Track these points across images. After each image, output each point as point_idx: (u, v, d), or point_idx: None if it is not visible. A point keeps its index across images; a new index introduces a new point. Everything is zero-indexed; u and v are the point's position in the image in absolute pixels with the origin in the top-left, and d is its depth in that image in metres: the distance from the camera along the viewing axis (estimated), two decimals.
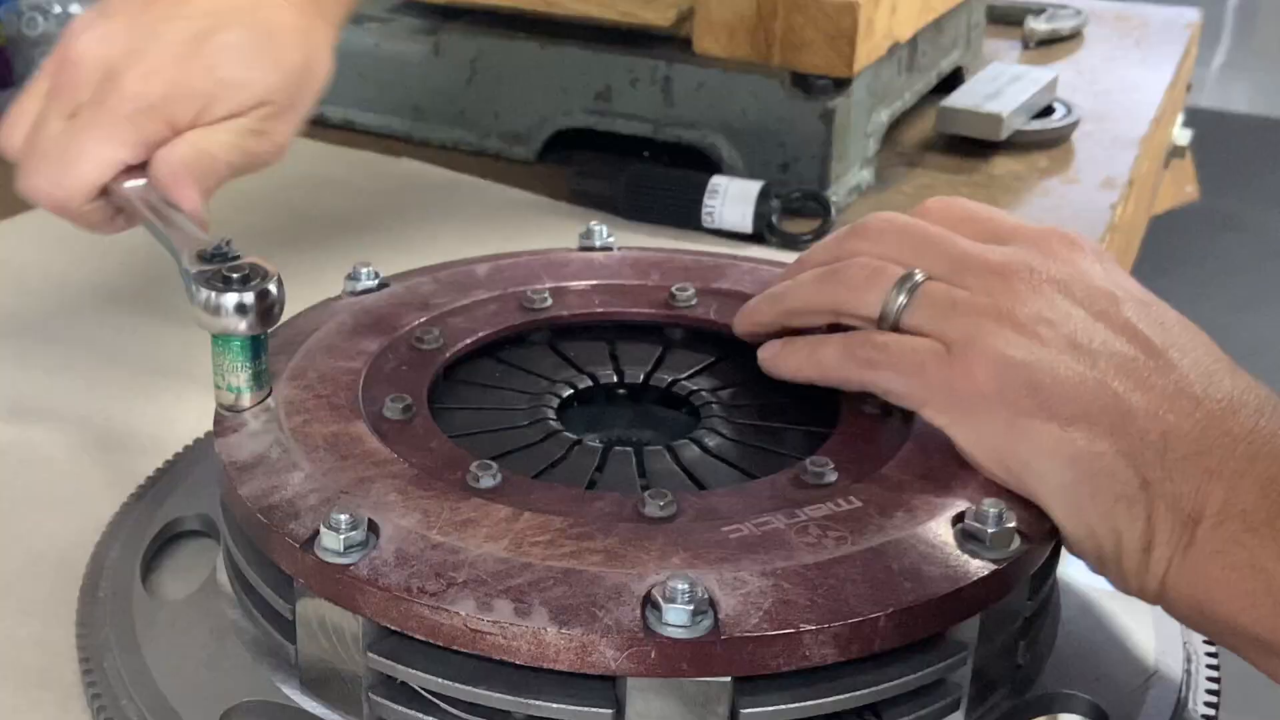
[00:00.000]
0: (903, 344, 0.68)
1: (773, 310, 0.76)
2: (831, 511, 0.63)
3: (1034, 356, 0.64)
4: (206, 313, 0.69)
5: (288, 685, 0.66)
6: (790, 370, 0.74)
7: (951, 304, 0.67)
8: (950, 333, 0.66)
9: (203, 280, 0.70)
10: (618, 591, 0.58)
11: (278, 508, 0.64)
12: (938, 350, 0.67)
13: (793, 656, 0.57)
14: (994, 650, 0.64)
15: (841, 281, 0.72)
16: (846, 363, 0.70)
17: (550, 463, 0.72)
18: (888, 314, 0.69)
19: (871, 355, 0.69)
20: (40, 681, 0.70)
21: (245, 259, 0.72)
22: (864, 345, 0.70)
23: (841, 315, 0.72)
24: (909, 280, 0.69)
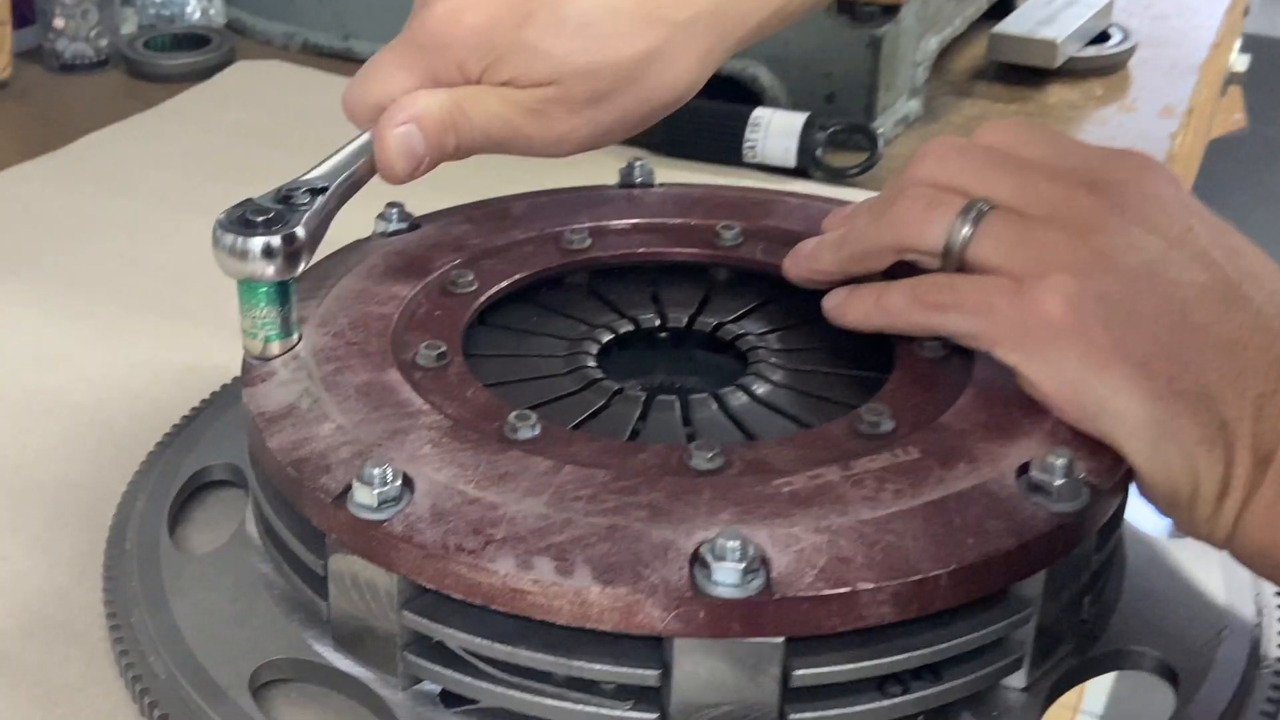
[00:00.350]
0: (971, 283, 0.65)
1: (834, 257, 0.73)
2: (889, 463, 0.61)
3: (1109, 288, 0.61)
4: (231, 257, 0.67)
5: (320, 643, 0.64)
6: (857, 319, 0.71)
7: (1020, 234, 0.64)
8: (1020, 265, 0.64)
9: (226, 224, 0.68)
10: (664, 549, 0.56)
11: (308, 461, 0.62)
12: (1008, 286, 0.64)
13: (849, 617, 0.55)
14: (1059, 606, 0.62)
15: (900, 215, 0.68)
16: (913, 307, 0.67)
17: (590, 412, 0.70)
18: (952, 246, 0.66)
19: (939, 298, 0.66)
20: (67, 637, 0.69)
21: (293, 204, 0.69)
22: (931, 288, 0.67)
23: (904, 251, 0.69)
24: (973, 209, 0.66)
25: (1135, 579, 0.69)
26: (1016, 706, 0.61)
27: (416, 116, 0.73)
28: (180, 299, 1.01)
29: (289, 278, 0.68)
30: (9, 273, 1.05)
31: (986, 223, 0.66)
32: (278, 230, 0.67)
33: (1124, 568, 0.70)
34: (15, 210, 1.15)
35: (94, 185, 1.19)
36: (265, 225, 0.67)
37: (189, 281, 1.02)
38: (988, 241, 0.65)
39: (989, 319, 0.64)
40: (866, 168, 1.19)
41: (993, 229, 0.65)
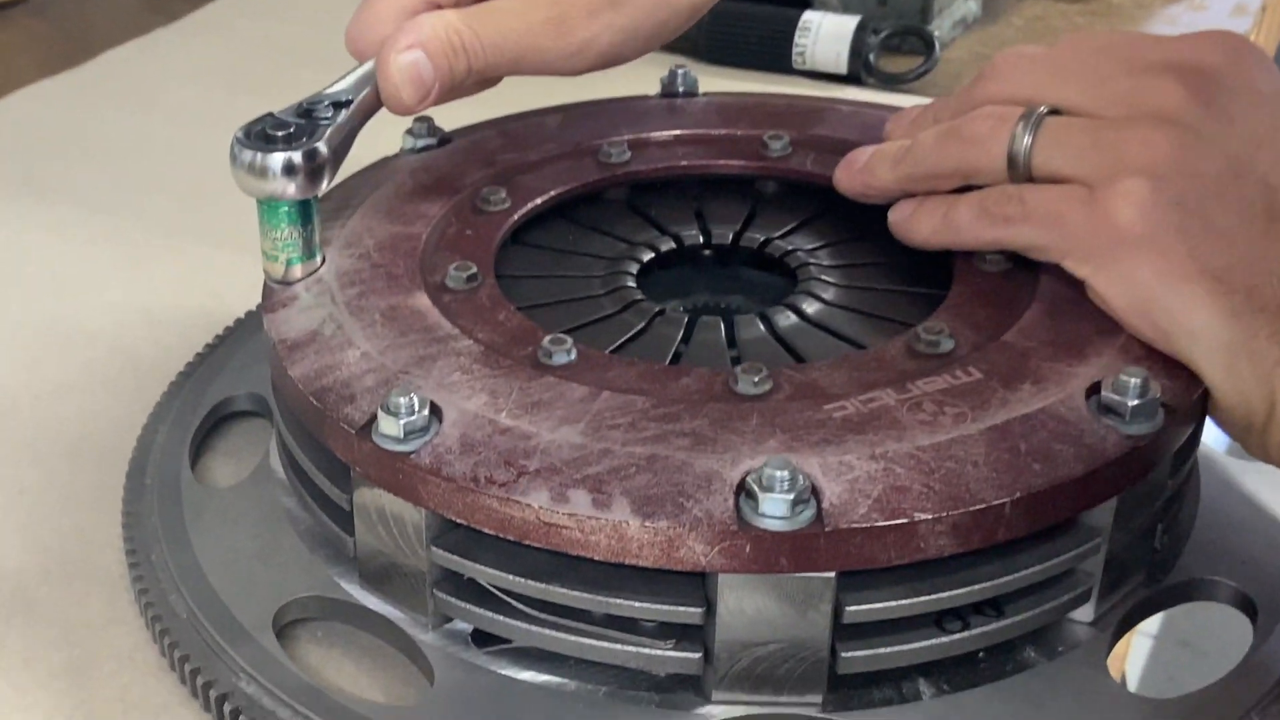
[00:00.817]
0: (1040, 193, 0.62)
1: (892, 174, 0.69)
2: (949, 384, 0.58)
3: (1187, 192, 0.58)
4: (250, 175, 0.65)
5: (346, 580, 0.63)
6: (924, 237, 0.68)
7: (1089, 138, 0.61)
8: (1090, 171, 0.60)
9: (245, 139, 0.65)
10: (708, 479, 0.54)
11: (332, 390, 0.60)
12: (1078, 194, 0.61)
13: (905, 549, 0.53)
14: (1129, 535, 0.59)
15: (965, 137, 0.65)
16: (981, 222, 0.64)
17: (630, 335, 0.67)
18: (1016, 158, 0.63)
19: (1007, 210, 0.63)
20: (86, 574, 0.68)
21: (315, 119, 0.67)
22: (1000, 200, 0.64)
23: (970, 177, 0.66)
24: (1032, 115, 0.63)
25: (1210, 506, 0.66)
26: (1083, 641, 0.59)
27: (421, 41, 0.69)
28: (204, 222, 0.99)
29: (311, 196, 0.66)
30: (27, 195, 1.03)
31: (1049, 128, 0.63)
32: (299, 146, 0.65)
33: (1198, 493, 0.67)
34: (34, 130, 1.14)
35: (115, 103, 1.17)
36: (286, 141, 0.65)
37: (214, 203, 1.00)
38: (1053, 148, 0.62)
39: (1058, 230, 0.62)
40: (922, 73, 1.16)
41: (1057, 134, 0.62)
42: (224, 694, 0.58)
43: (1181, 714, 0.56)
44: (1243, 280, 0.57)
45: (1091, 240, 0.60)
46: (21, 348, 0.86)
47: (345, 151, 0.68)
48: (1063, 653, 0.59)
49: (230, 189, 0.67)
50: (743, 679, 0.56)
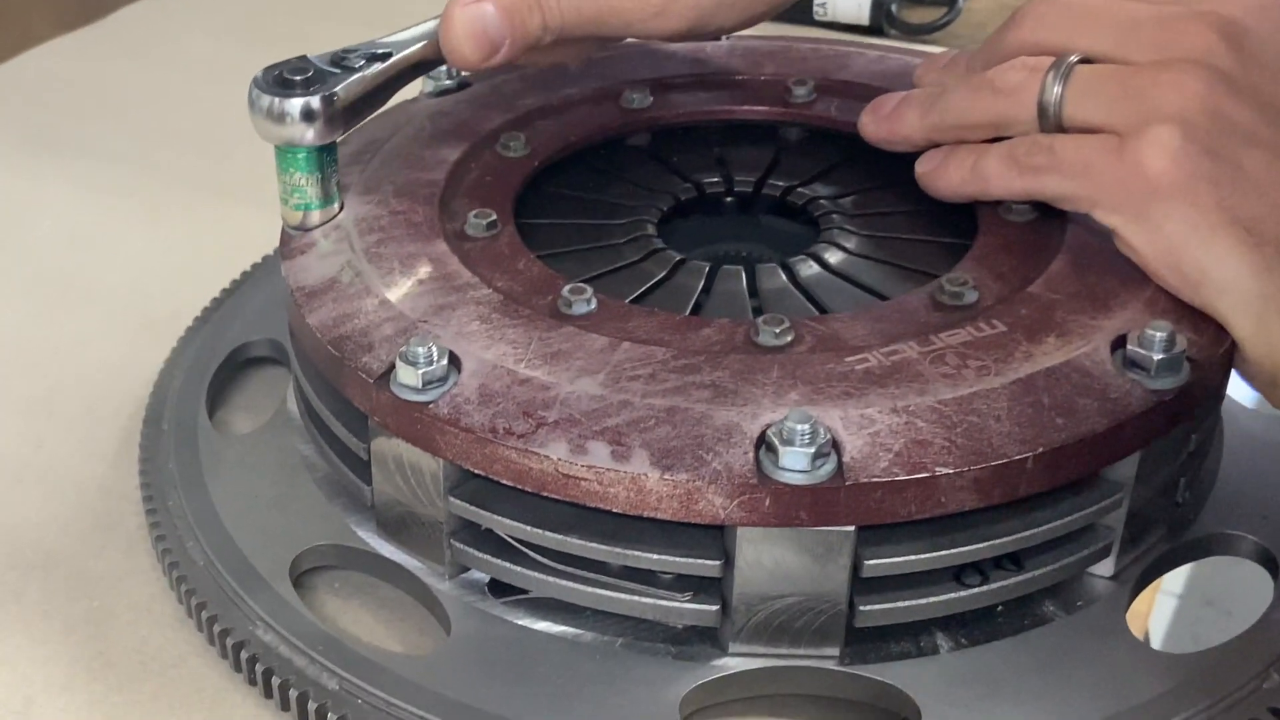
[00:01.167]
0: (1070, 142, 0.62)
1: (921, 123, 0.69)
2: (972, 337, 0.58)
3: (1219, 140, 0.58)
4: (268, 120, 0.65)
5: (363, 528, 0.63)
6: (952, 188, 0.67)
7: (1119, 86, 0.61)
8: (1121, 120, 0.60)
9: (263, 83, 0.65)
10: (728, 432, 0.54)
11: (349, 339, 0.60)
12: (1108, 143, 0.60)
13: (926, 504, 0.53)
14: (1152, 490, 0.60)
15: (998, 89, 0.65)
16: (1010, 172, 0.64)
17: (650, 284, 0.67)
18: (1047, 108, 0.62)
19: (1037, 160, 0.63)
20: (104, 526, 0.69)
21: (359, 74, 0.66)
22: (1030, 149, 0.63)
23: (1002, 129, 0.65)
24: (1063, 64, 0.62)
25: (1233, 460, 0.66)
26: (1103, 596, 0.59)
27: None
28: (220, 176, 0.99)
29: (328, 143, 0.66)
30: (43, 150, 1.04)
31: (1079, 77, 0.62)
32: (317, 91, 0.65)
33: (1221, 448, 0.67)
34: (50, 86, 1.14)
35: (131, 59, 1.17)
36: (304, 86, 0.65)
37: (229, 158, 1.01)
38: (1083, 98, 0.62)
39: (1088, 179, 0.61)
40: (945, 24, 1.16)
41: (1087, 83, 0.62)
42: (241, 642, 0.59)
43: (1201, 669, 0.56)
44: (1274, 231, 0.57)
45: (1121, 190, 0.60)
46: (38, 301, 0.86)
47: (372, 105, 0.67)
48: (1082, 607, 0.59)
49: (245, 143, 0.67)
50: (760, 631, 0.56)
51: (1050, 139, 0.63)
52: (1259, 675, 0.56)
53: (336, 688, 0.57)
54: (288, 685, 0.57)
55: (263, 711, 0.59)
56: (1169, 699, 0.55)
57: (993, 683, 0.56)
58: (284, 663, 0.58)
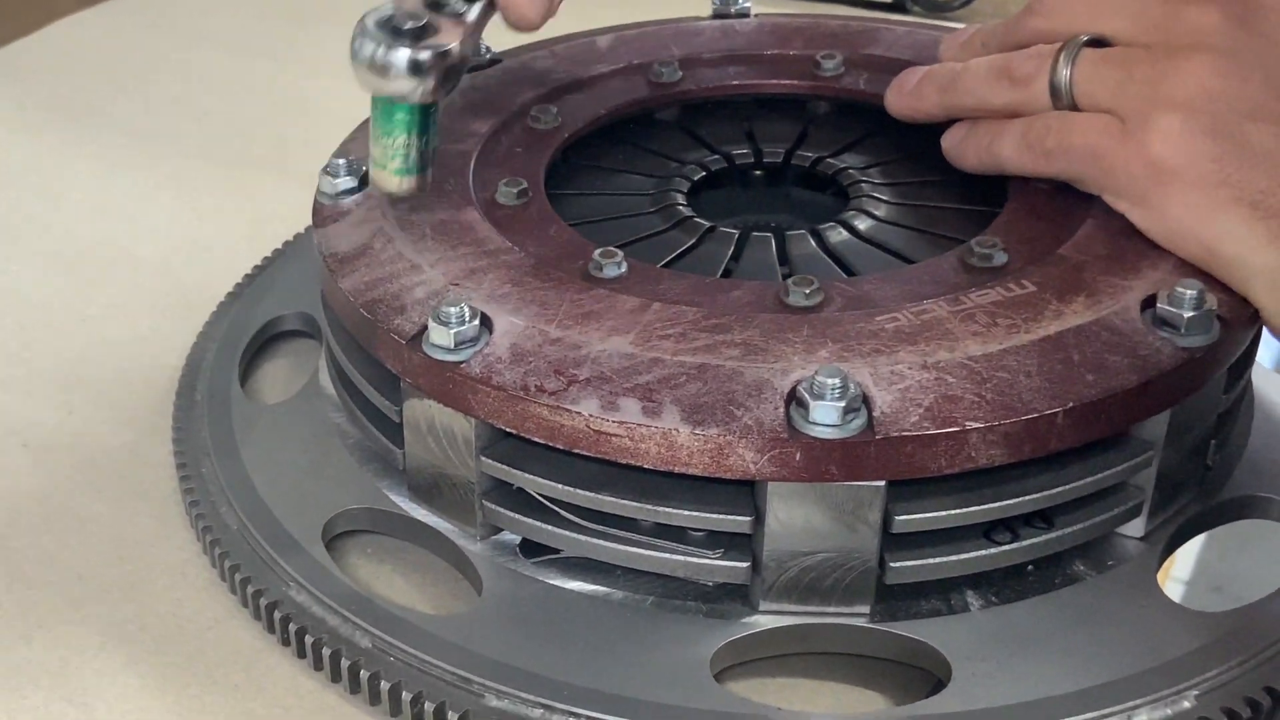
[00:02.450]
0: (1079, 125, 0.63)
1: (939, 100, 0.71)
2: (1002, 297, 0.59)
3: (1221, 119, 0.59)
4: (372, 71, 0.60)
5: (394, 492, 0.65)
6: (971, 165, 0.69)
7: (1125, 70, 0.62)
8: (1124, 104, 0.62)
9: (370, 30, 0.60)
10: (758, 388, 0.55)
11: (382, 302, 0.62)
12: (1113, 128, 0.62)
13: (956, 458, 0.54)
14: (1182, 450, 0.60)
15: (1013, 77, 0.66)
16: (1023, 153, 0.66)
17: (680, 251, 0.69)
18: (1058, 90, 0.64)
19: (1047, 143, 0.65)
20: (136, 491, 0.70)
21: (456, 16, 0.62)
22: (1040, 132, 0.65)
23: (1016, 113, 0.67)
24: (1072, 45, 0.64)
25: (1265, 423, 0.67)
26: (1133, 556, 0.60)
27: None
28: (248, 148, 1.01)
29: (437, 101, 0.62)
30: (70, 122, 1.05)
31: (1086, 60, 0.64)
32: (429, 44, 0.60)
33: (1253, 410, 0.68)
34: (76, 59, 1.15)
35: (156, 32, 1.19)
36: (413, 36, 0.60)
37: (258, 130, 1.02)
38: (1091, 80, 0.63)
39: (1096, 165, 0.63)
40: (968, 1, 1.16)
41: (1095, 66, 0.63)
42: (274, 602, 0.60)
43: (1231, 628, 0.57)
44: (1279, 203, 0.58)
45: (1126, 175, 0.62)
46: (67, 271, 0.88)
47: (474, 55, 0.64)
48: (1113, 566, 0.60)
49: (275, 116, 0.67)
50: (790, 589, 0.57)
51: (1060, 120, 0.64)
52: None
53: (369, 646, 0.58)
54: (321, 644, 0.58)
55: (297, 671, 0.60)
56: (1201, 656, 0.56)
57: (1023, 640, 0.57)
58: (317, 622, 0.59)
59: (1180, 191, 0.60)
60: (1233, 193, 0.59)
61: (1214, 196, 0.59)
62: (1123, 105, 0.62)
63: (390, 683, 0.56)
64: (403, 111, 0.61)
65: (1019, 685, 0.55)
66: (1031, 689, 0.55)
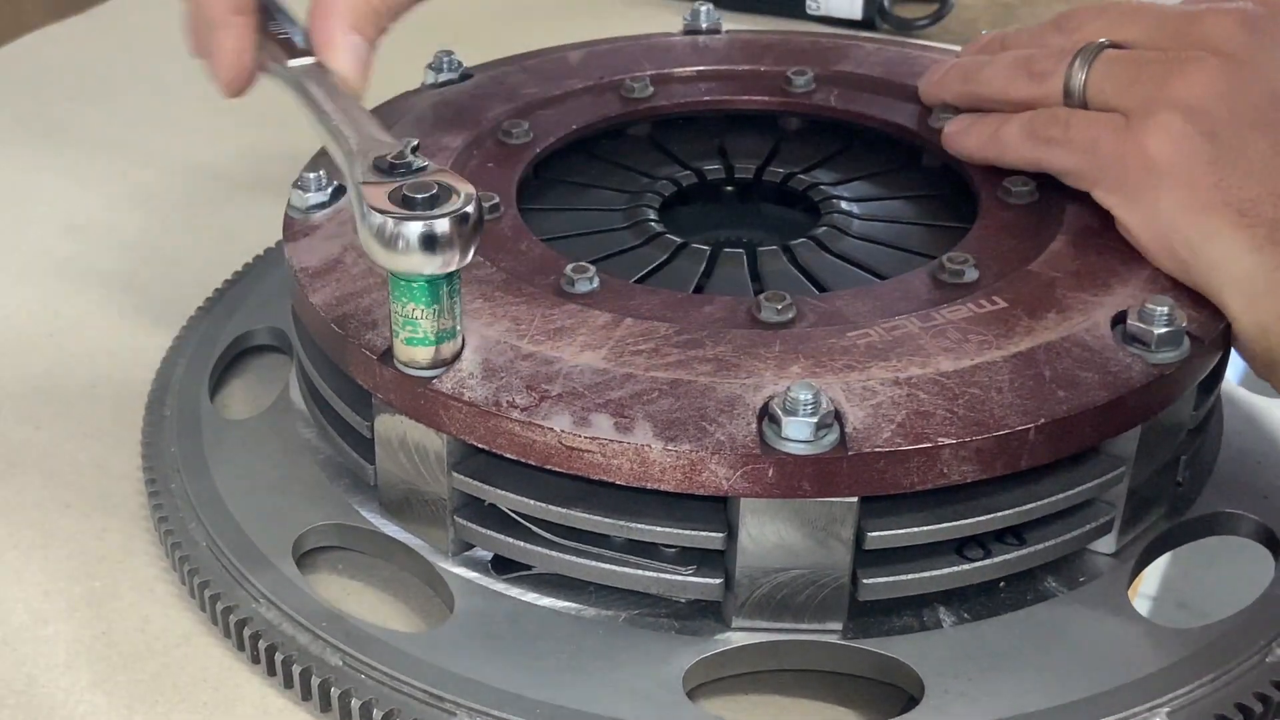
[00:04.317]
0: (1082, 119, 0.64)
1: (961, 88, 0.72)
2: (973, 313, 0.59)
3: (1222, 124, 0.59)
4: (382, 245, 0.54)
5: (365, 508, 0.64)
6: (972, 149, 0.70)
7: (1135, 70, 0.63)
8: (1132, 102, 0.62)
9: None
10: (731, 404, 0.55)
11: (353, 316, 0.61)
12: (1116, 122, 0.62)
13: (929, 474, 0.54)
14: (1153, 466, 0.60)
15: (1032, 72, 0.68)
16: (1026, 141, 0.67)
17: (652, 267, 0.68)
18: (1072, 90, 0.65)
19: (1051, 132, 0.65)
20: (104, 507, 0.69)
21: (432, 171, 0.57)
22: (1046, 122, 0.66)
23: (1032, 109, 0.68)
24: (1089, 49, 0.65)
25: (1234, 440, 0.67)
26: (1105, 572, 0.60)
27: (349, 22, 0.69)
28: (219, 162, 1.00)
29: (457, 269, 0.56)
30: (38, 137, 1.04)
31: (1102, 61, 0.64)
32: (446, 211, 0.54)
33: (1221, 429, 0.68)
34: (44, 73, 1.15)
35: (125, 46, 1.18)
36: (427, 204, 0.54)
37: (226, 145, 1.02)
38: (1103, 81, 0.64)
39: (1092, 156, 0.63)
40: (937, 19, 1.16)
41: (1109, 67, 0.64)
42: (244, 619, 0.59)
43: (1205, 644, 0.57)
44: (1270, 213, 0.58)
45: (1121, 169, 0.62)
46: (35, 286, 0.87)
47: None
48: (1084, 583, 0.60)
49: (243, 131, 0.67)
50: (763, 605, 0.57)
51: (1067, 113, 0.65)
52: (1261, 649, 0.57)
53: (340, 664, 0.57)
54: (291, 662, 0.58)
55: (266, 689, 0.59)
56: (1173, 672, 0.55)
57: (996, 657, 0.56)
58: (287, 640, 0.58)
59: (1171, 189, 0.60)
60: (1222, 196, 0.59)
61: (1203, 198, 0.59)
62: (1127, 103, 0.62)
63: (361, 700, 0.55)
64: (421, 282, 0.56)
65: (992, 702, 0.54)
66: (1004, 705, 0.54)
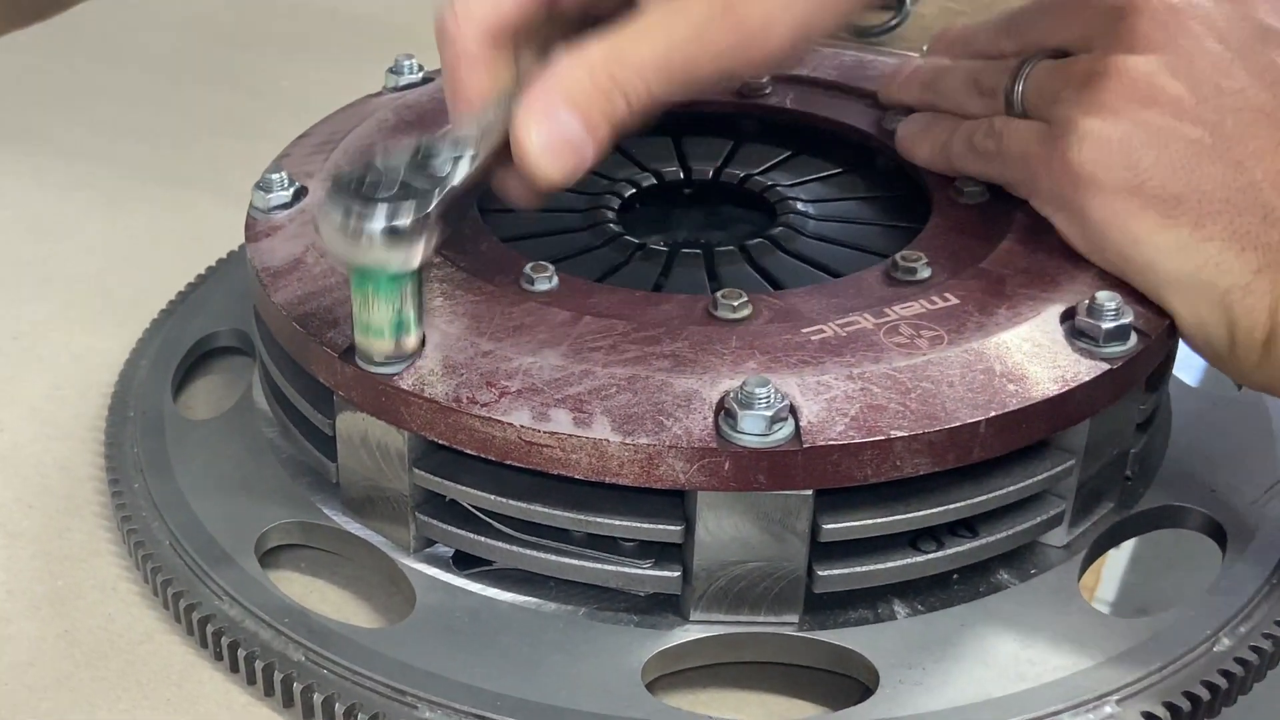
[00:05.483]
0: (1012, 132, 0.65)
1: (921, 96, 0.73)
2: (925, 309, 0.60)
3: (1138, 130, 0.60)
4: (344, 238, 0.54)
5: (328, 506, 0.64)
6: (922, 160, 0.71)
7: (1061, 79, 0.63)
8: (1055, 112, 0.63)
9: (338, 196, 0.54)
10: (687, 398, 0.55)
11: (315, 315, 0.61)
12: (1043, 135, 0.63)
13: (882, 467, 0.54)
14: (1102, 460, 0.61)
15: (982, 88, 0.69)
16: (969, 155, 0.68)
17: (611, 268, 0.69)
18: (1013, 104, 0.66)
19: (988, 145, 0.66)
20: (67, 508, 0.69)
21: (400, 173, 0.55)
22: (984, 135, 0.67)
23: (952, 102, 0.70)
24: (1030, 61, 0.66)
25: (1181, 436, 0.68)
26: (1055, 564, 0.61)
27: (567, 98, 0.57)
28: (180, 168, 1.00)
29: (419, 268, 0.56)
30: (3, 143, 1.04)
31: (1035, 73, 0.65)
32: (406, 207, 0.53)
33: (1169, 423, 0.69)
34: (9, 79, 1.14)
35: (88, 54, 1.18)
36: (390, 199, 0.54)
37: (189, 150, 1.02)
38: (1035, 95, 0.65)
39: (1025, 170, 0.64)
40: (892, 27, 1.17)
41: (1040, 78, 0.65)
42: (206, 616, 0.60)
43: (1154, 634, 0.57)
44: (1191, 212, 0.59)
45: (1049, 180, 0.63)
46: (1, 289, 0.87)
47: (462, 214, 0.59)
48: (1035, 575, 0.60)
49: (206, 136, 0.67)
50: (720, 598, 0.57)
51: (1002, 125, 0.66)
52: (1208, 639, 0.58)
53: (302, 659, 0.57)
54: (253, 658, 0.58)
55: (229, 686, 0.60)
56: (1122, 662, 0.56)
57: (949, 647, 0.57)
58: (249, 636, 0.59)
59: (1096, 198, 0.61)
60: (1143, 200, 0.59)
61: (1127, 204, 0.60)
62: (1056, 113, 0.63)
63: (323, 695, 0.56)
64: (384, 279, 0.56)
65: (945, 691, 0.55)
66: (957, 695, 0.55)
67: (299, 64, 1.10)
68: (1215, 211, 0.58)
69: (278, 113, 0.63)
